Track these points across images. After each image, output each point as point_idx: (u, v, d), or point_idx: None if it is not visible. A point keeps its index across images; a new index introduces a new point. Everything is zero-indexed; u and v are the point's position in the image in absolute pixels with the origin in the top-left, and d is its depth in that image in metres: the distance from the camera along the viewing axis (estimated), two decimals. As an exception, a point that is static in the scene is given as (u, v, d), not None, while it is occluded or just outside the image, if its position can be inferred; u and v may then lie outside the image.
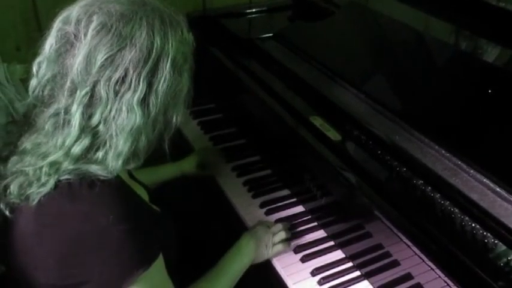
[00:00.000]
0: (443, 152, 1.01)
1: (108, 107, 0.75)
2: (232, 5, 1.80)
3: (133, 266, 0.77)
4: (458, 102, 1.15)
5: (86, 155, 0.77)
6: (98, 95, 0.75)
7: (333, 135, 1.11)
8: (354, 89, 1.23)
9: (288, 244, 1.15)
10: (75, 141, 0.76)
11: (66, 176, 0.77)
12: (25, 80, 1.61)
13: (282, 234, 1.14)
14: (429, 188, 0.97)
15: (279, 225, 1.16)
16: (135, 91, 0.75)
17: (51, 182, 0.76)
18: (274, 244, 1.13)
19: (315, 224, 1.23)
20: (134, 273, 0.77)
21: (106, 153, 0.77)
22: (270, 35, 1.55)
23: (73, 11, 0.77)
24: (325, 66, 1.34)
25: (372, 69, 1.36)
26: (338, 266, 1.12)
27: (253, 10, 1.75)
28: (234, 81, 1.46)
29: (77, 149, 0.76)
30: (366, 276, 1.09)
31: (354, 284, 1.08)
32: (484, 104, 1.12)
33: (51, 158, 0.76)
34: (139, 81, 0.75)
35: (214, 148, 1.49)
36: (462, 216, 0.91)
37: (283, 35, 1.52)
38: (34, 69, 0.79)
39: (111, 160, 0.77)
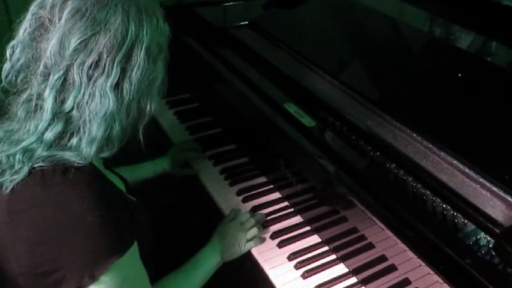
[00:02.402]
0: (414, 135, 1.04)
1: (82, 91, 0.75)
2: (207, -7, 1.79)
3: (106, 253, 0.77)
4: (428, 87, 1.17)
5: (60, 141, 0.76)
6: (71, 80, 0.74)
7: (307, 121, 1.12)
8: (327, 76, 1.25)
9: (260, 240, 1.15)
10: (48, 126, 0.75)
11: (40, 164, 0.76)
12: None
13: (254, 231, 1.14)
14: (401, 171, 0.99)
15: (252, 221, 1.16)
16: (108, 76, 0.75)
17: (25, 170, 0.76)
18: (247, 241, 1.13)
19: (292, 210, 1.24)
20: (107, 261, 0.77)
21: (80, 139, 0.77)
22: (245, 23, 1.54)
23: None
24: (299, 53, 1.34)
25: (345, 56, 1.37)
26: (314, 250, 1.13)
27: (228, -2, 1.75)
28: (209, 70, 1.45)
29: (49, 135, 0.75)
30: (342, 259, 1.11)
31: (330, 267, 1.09)
32: (454, 88, 1.14)
33: (23, 144, 0.76)
34: (112, 66, 0.75)
35: (189, 142, 1.46)
36: (433, 198, 0.93)
37: (257, 23, 1.52)
38: (8, 52, 0.79)
39: (85, 146, 0.77)
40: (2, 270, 0.81)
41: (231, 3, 1.74)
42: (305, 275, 1.07)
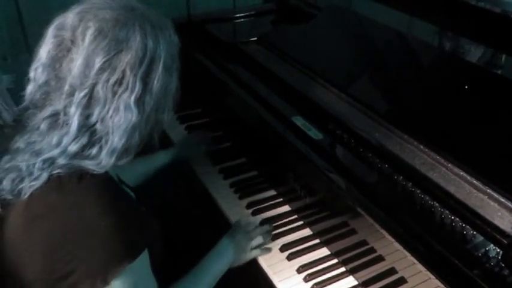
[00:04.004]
0: (421, 147, 1.04)
1: (106, 107, 0.79)
2: (217, 10, 1.83)
3: (118, 257, 0.79)
4: (435, 99, 1.18)
5: (82, 151, 0.80)
6: (96, 96, 0.79)
7: (314, 134, 1.13)
8: (334, 89, 1.26)
9: (266, 249, 1.16)
10: (73, 140, 0.79)
11: (58, 170, 0.79)
12: (11, 90, 1.64)
13: (260, 239, 1.16)
14: (410, 183, 0.99)
15: (258, 230, 1.18)
16: (132, 91, 0.80)
17: (44, 176, 0.79)
18: (252, 249, 1.14)
19: (301, 222, 1.24)
20: (119, 265, 0.78)
21: (100, 149, 0.80)
22: (254, 39, 1.57)
23: (67, 18, 0.81)
24: (307, 67, 1.36)
25: (352, 69, 1.38)
26: (324, 263, 1.13)
27: (237, 15, 1.78)
28: (219, 85, 1.48)
29: (74, 147, 0.79)
30: (351, 272, 1.10)
31: (339, 280, 1.09)
32: (461, 100, 1.14)
33: (46, 155, 0.79)
34: (135, 81, 0.80)
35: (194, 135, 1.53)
36: (441, 209, 0.93)
37: (266, 39, 1.55)
38: (31, 74, 0.83)
39: (105, 156, 0.80)
40: (17, 277, 0.83)
41: (241, 19, 1.77)
42: (314, 288, 1.07)
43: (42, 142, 0.81)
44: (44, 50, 0.82)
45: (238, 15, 1.78)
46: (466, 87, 1.15)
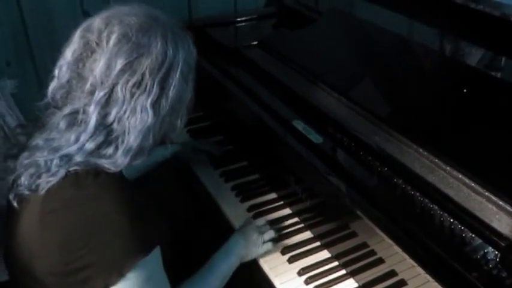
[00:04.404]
0: (421, 150, 1.04)
1: (124, 107, 0.83)
2: (218, 14, 1.84)
3: (133, 250, 0.81)
4: (435, 103, 1.19)
5: (98, 150, 0.83)
6: (115, 97, 0.82)
7: (315, 138, 1.14)
8: (335, 93, 1.27)
9: (277, 243, 1.18)
10: (90, 137, 0.83)
11: (75, 167, 0.82)
12: (15, 95, 1.65)
13: (271, 233, 1.17)
14: (409, 186, 1.00)
15: (268, 226, 1.19)
16: (149, 94, 0.84)
17: (62, 172, 0.82)
18: (264, 242, 1.15)
19: (302, 225, 1.25)
20: (134, 258, 0.80)
21: (116, 148, 0.84)
22: (255, 42, 1.58)
23: (94, 22, 0.86)
24: (308, 71, 1.37)
25: (352, 73, 1.39)
26: (324, 265, 1.14)
27: (239, 19, 1.79)
28: (220, 89, 1.49)
29: (91, 145, 0.83)
30: (352, 274, 1.11)
31: (339, 282, 1.10)
32: (460, 103, 1.15)
33: (63, 152, 0.83)
34: (153, 85, 0.84)
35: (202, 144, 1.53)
36: (440, 212, 0.93)
37: (267, 43, 1.56)
38: (56, 72, 0.88)
39: (120, 155, 0.84)
40: (30, 270, 0.85)
41: (242, 23, 1.78)
42: (315, 290, 1.08)
43: (60, 139, 0.84)
44: (70, 50, 0.86)
45: (239, 19, 1.79)
46: (465, 90, 1.16)
